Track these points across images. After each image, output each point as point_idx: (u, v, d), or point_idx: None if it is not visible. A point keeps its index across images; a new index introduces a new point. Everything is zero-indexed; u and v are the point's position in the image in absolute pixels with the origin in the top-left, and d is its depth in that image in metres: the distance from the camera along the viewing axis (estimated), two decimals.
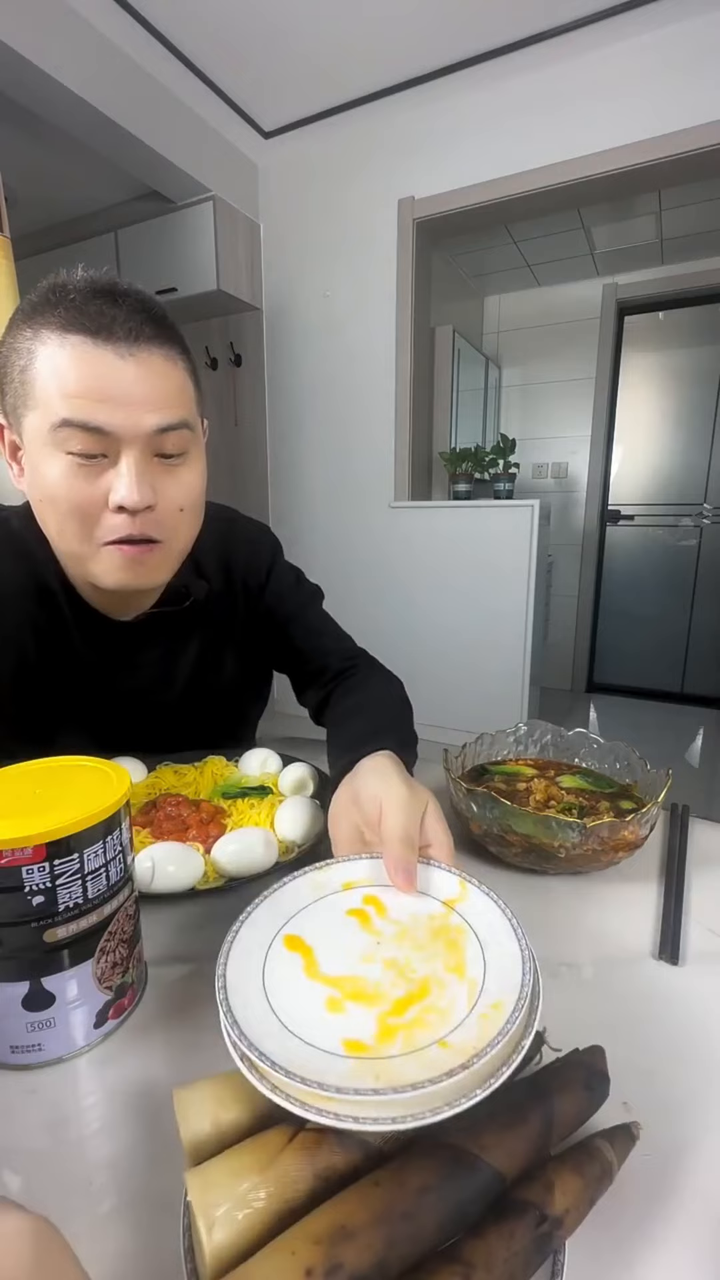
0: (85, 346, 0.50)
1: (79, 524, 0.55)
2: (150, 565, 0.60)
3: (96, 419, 0.51)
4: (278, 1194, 0.25)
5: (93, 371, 0.50)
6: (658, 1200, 0.30)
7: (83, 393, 0.50)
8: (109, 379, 0.51)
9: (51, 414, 0.51)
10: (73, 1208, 0.29)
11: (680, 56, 2.01)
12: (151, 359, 0.53)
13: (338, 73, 2.25)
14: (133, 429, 0.52)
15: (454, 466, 2.95)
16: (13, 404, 0.54)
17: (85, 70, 2.00)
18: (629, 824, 0.51)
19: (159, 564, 0.61)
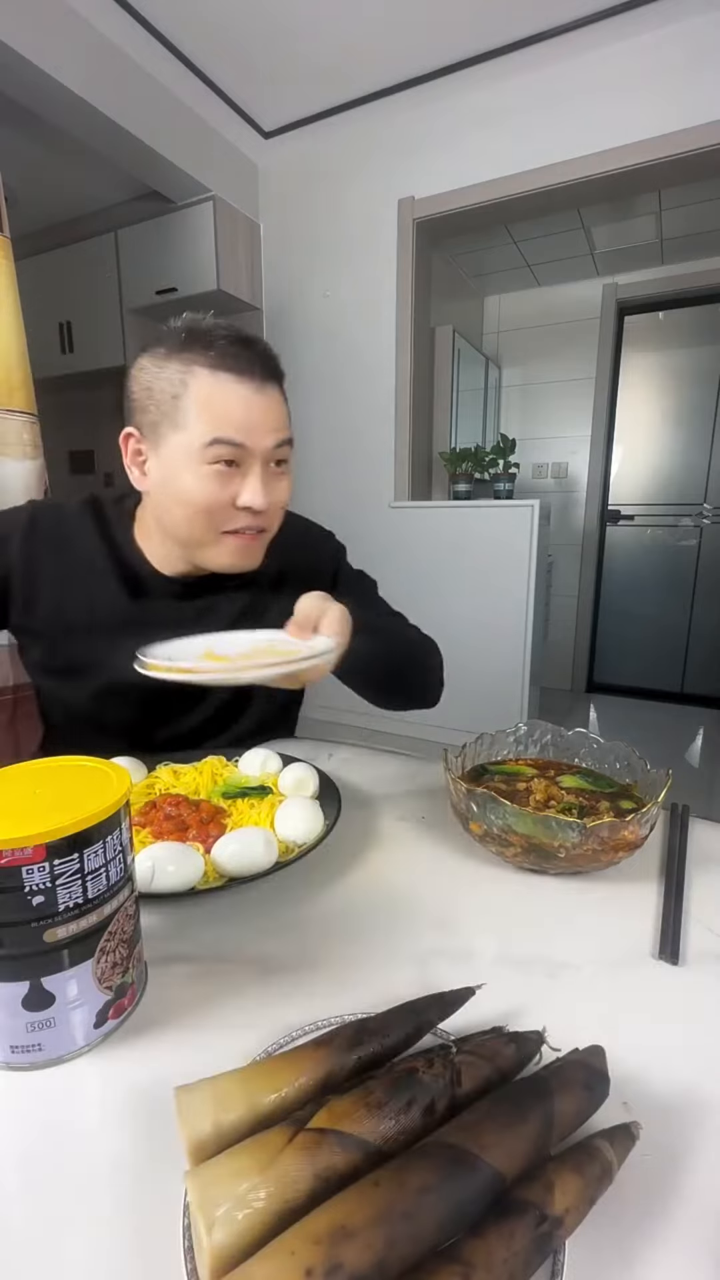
0: (232, 383, 0.66)
1: (207, 519, 0.70)
2: (255, 550, 0.76)
3: (239, 438, 0.67)
4: (278, 1194, 0.25)
5: (239, 403, 0.66)
6: (658, 1200, 0.30)
7: (230, 418, 0.66)
8: (248, 408, 0.67)
9: (203, 434, 0.66)
10: (73, 1208, 0.29)
11: (680, 56, 2.01)
12: (273, 392, 0.70)
13: (338, 73, 2.25)
14: (260, 446, 0.68)
15: (454, 466, 2.95)
16: (154, 421, 0.68)
17: (85, 70, 2.00)
18: (629, 824, 0.51)
19: (260, 549, 0.77)
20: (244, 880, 0.52)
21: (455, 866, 0.59)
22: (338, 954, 0.46)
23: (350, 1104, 0.29)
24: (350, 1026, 0.34)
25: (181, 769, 0.72)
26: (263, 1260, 0.23)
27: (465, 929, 0.49)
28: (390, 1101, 0.29)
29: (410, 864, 0.59)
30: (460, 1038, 0.35)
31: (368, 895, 0.54)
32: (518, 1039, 0.34)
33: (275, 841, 0.55)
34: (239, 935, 0.49)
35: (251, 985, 0.43)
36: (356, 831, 0.64)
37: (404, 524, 2.77)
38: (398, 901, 0.53)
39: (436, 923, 0.50)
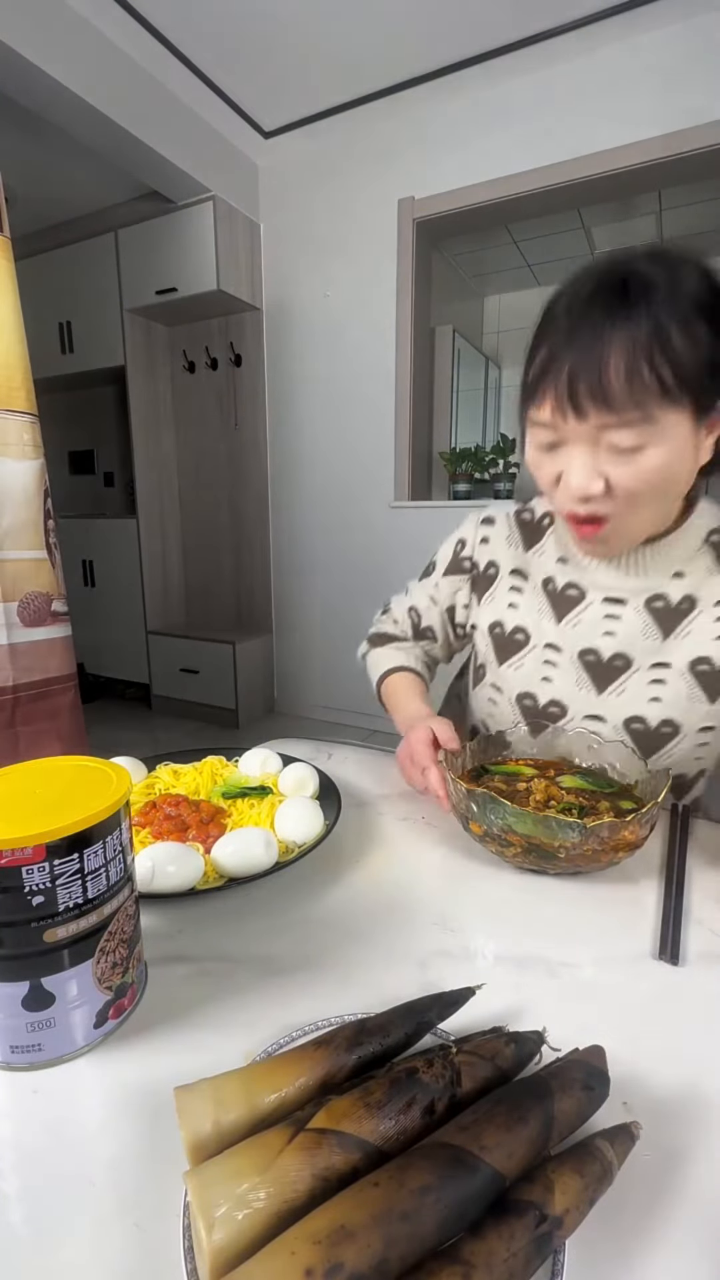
0: None
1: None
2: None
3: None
4: (278, 1194, 0.25)
5: None
6: (658, 1200, 0.30)
7: None
8: None
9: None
10: (73, 1208, 0.29)
11: (680, 57, 2.01)
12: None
13: (338, 73, 2.25)
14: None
15: (454, 466, 2.95)
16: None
17: (85, 70, 2.00)
18: (629, 824, 0.51)
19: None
20: (244, 880, 0.52)
21: (455, 866, 0.59)
22: (338, 954, 0.46)
23: (350, 1104, 0.29)
24: (350, 1026, 0.34)
25: (181, 769, 0.72)
26: (263, 1260, 0.23)
27: (465, 929, 0.49)
28: (390, 1101, 0.29)
29: (410, 864, 0.59)
30: (460, 1038, 0.35)
31: (368, 895, 0.54)
32: (518, 1039, 0.34)
33: (275, 841, 0.55)
34: (239, 935, 0.49)
35: (251, 985, 0.43)
36: (356, 831, 0.64)
37: (404, 524, 2.77)
38: (398, 902, 0.53)
39: (437, 923, 0.50)
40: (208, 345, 3.03)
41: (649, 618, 0.66)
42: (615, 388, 0.51)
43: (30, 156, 2.56)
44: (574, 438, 0.55)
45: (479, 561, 0.78)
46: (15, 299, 1.32)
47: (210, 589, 3.37)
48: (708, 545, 0.65)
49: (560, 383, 0.53)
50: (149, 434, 3.11)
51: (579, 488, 0.56)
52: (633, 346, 0.50)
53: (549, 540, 0.74)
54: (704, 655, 0.64)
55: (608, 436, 0.53)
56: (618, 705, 0.67)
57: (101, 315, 2.98)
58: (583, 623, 0.69)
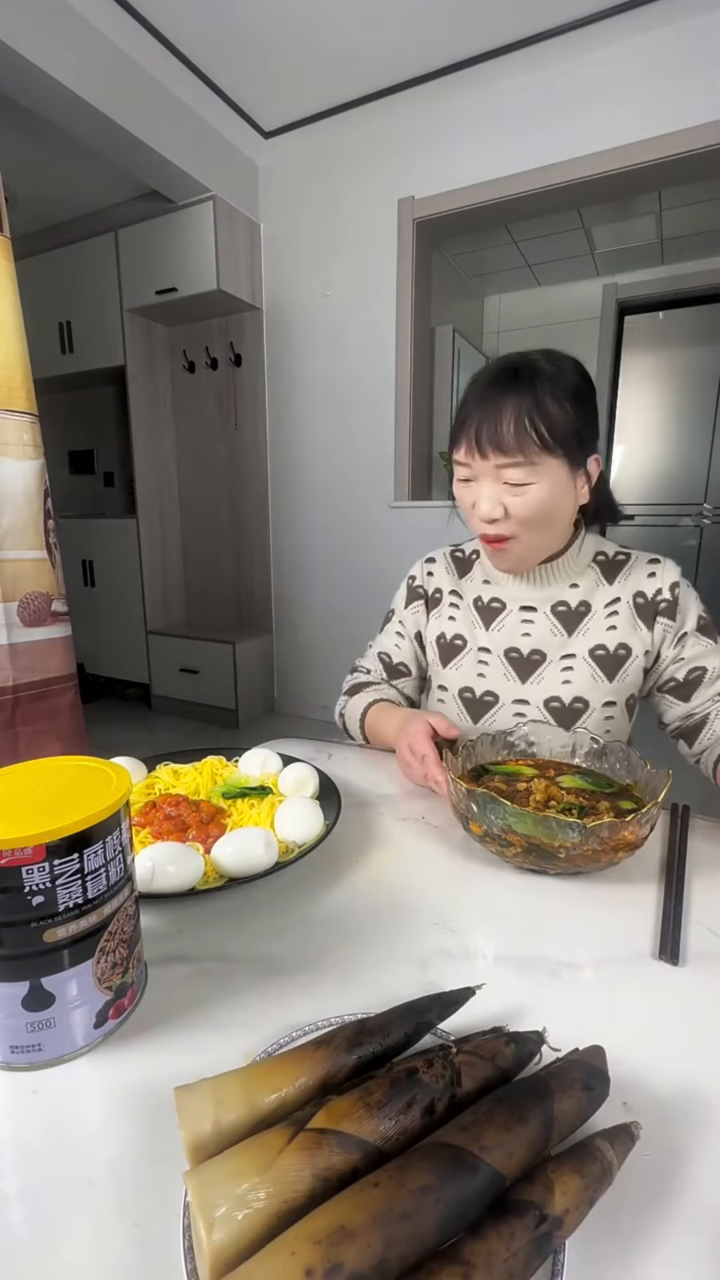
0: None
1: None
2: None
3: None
4: (278, 1194, 0.25)
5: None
6: (658, 1200, 0.30)
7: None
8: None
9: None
10: (73, 1208, 0.29)
11: (680, 56, 2.01)
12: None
13: (338, 73, 2.25)
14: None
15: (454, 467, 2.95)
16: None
17: (85, 70, 2.00)
18: (629, 824, 0.51)
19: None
20: (244, 880, 0.52)
21: (455, 866, 0.59)
22: (338, 954, 0.46)
23: (350, 1104, 0.29)
24: (350, 1026, 0.34)
25: (181, 769, 0.72)
26: (263, 1260, 0.23)
27: (465, 929, 0.49)
28: (390, 1101, 0.29)
29: (410, 864, 0.59)
30: (460, 1038, 0.35)
31: (368, 895, 0.54)
32: (518, 1039, 0.34)
33: (275, 841, 0.55)
34: (239, 935, 0.49)
35: (251, 985, 0.43)
36: (356, 831, 0.64)
37: (404, 524, 2.77)
38: (398, 902, 0.53)
39: (437, 923, 0.50)
40: (208, 345, 3.03)
41: (555, 620, 0.84)
42: (507, 437, 0.70)
43: (30, 156, 2.56)
44: (481, 474, 0.75)
45: (428, 589, 0.95)
46: (15, 299, 1.32)
47: (210, 589, 3.37)
48: (594, 564, 0.85)
49: (470, 432, 0.73)
50: (149, 434, 3.11)
51: (485, 511, 0.75)
52: (519, 409, 0.70)
53: (477, 568, 0.92)
54: (599, 643, 0.82)
55: (504, 474, 0.73)
56: (538, 690, 0.83)
57: (101, 315, 2.98)
58: (505, 627, 0.86)
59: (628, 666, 0.81)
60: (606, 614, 0.82)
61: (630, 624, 0.81)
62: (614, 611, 0.82)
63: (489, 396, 0.72)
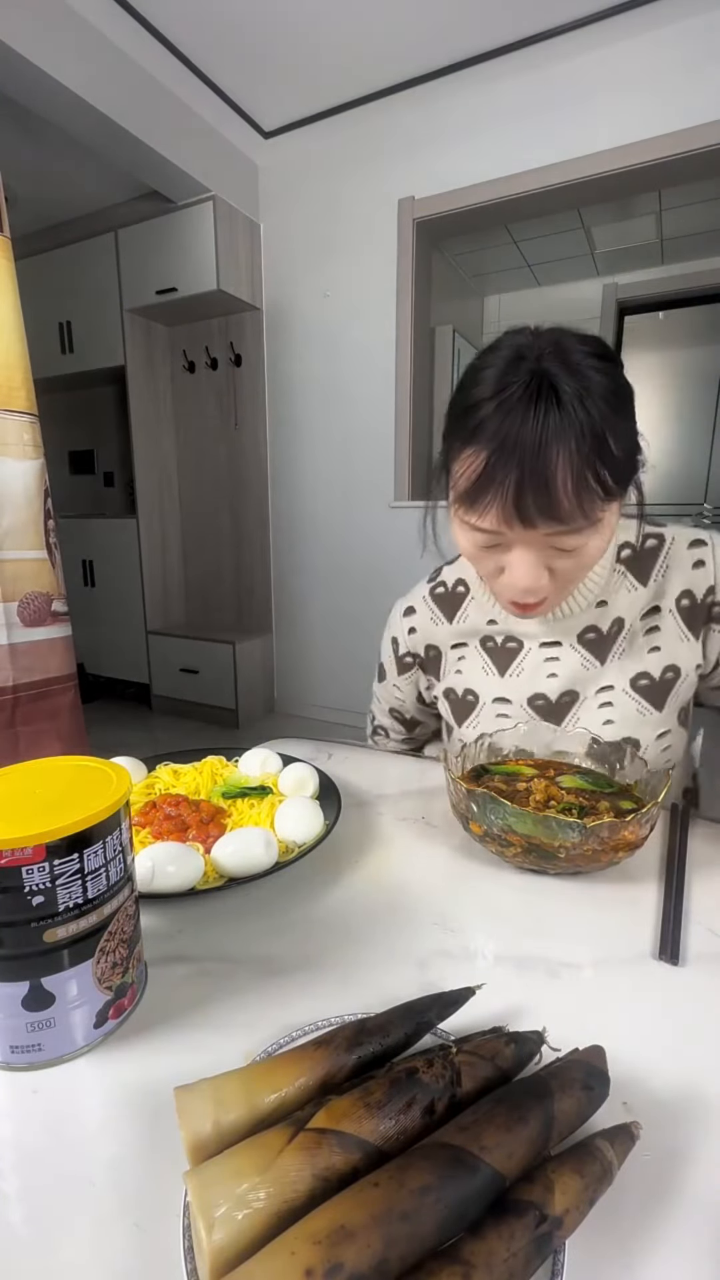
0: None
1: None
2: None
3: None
4: (278, 1194, 0.25)
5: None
6: (658, 1200, 0.30)
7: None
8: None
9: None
10: (73, 1208, 0.29)
11: (680, 56, 2.01)
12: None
13: (338, 73, 2.25)
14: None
15: None
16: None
17: (85, 70, 2.00)
18: (629, 824, 0.51)
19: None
20: (244, 880, 0.52)
21: (455, 866, 0.59)
22: (338, 954, 0.46)
23: (350, 1104, 0.29)
24: (350, 1026, 0.34)
25: (181, 769, 0.72)
26: (263, 1260, 0.23)
27: (465, 929, 0.49)
28: (390, 1101, 0.29)
29: (410, 864, 0.59)
30: (460, 1038, 0.35)
31: (368, 895, 0.54)
32: (518, 1039, 0.34)
33: (275, 841, 0.55)
34: (239, 935, 0.49)
35: (251, 985, 0.43)
36: (356, 831, 0.64)
37: (404, 524, 2.77)
38: (398, 901, 0.53)
39: (437, 923, 0.50)
40: (208, 345, 3.03)
41: (585, 651, 0.69)
42: (564, 503, 0.51)
43: (30, 156, 2.56)
44: (520, 542, 0.57)
45: (418, 652, 0.81)
46: (15, 299, 1.32)
47: (210, 589, 3.37)
48: (620, 565, 0.68)
49: (507, 498, 0.52)
50: (149, 434, 3.11)
51: (527, 584, 0.58)
52: (575, 459, 0.50)
53: (470, 605, 0.76)
54: (642, 670, 0.67)
55: (556, 540, 0.55)
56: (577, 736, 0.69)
57: (101, 315, 2.98)
58: (525, 670, 0.72)
59: (678, 687, 0.67)
60: (645, 630, 0.67)
61: (677, 636, 0.66)
62: (654, 627, 0.67)
63: (528, 442, 0.50)
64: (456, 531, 0.62)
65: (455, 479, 0.57)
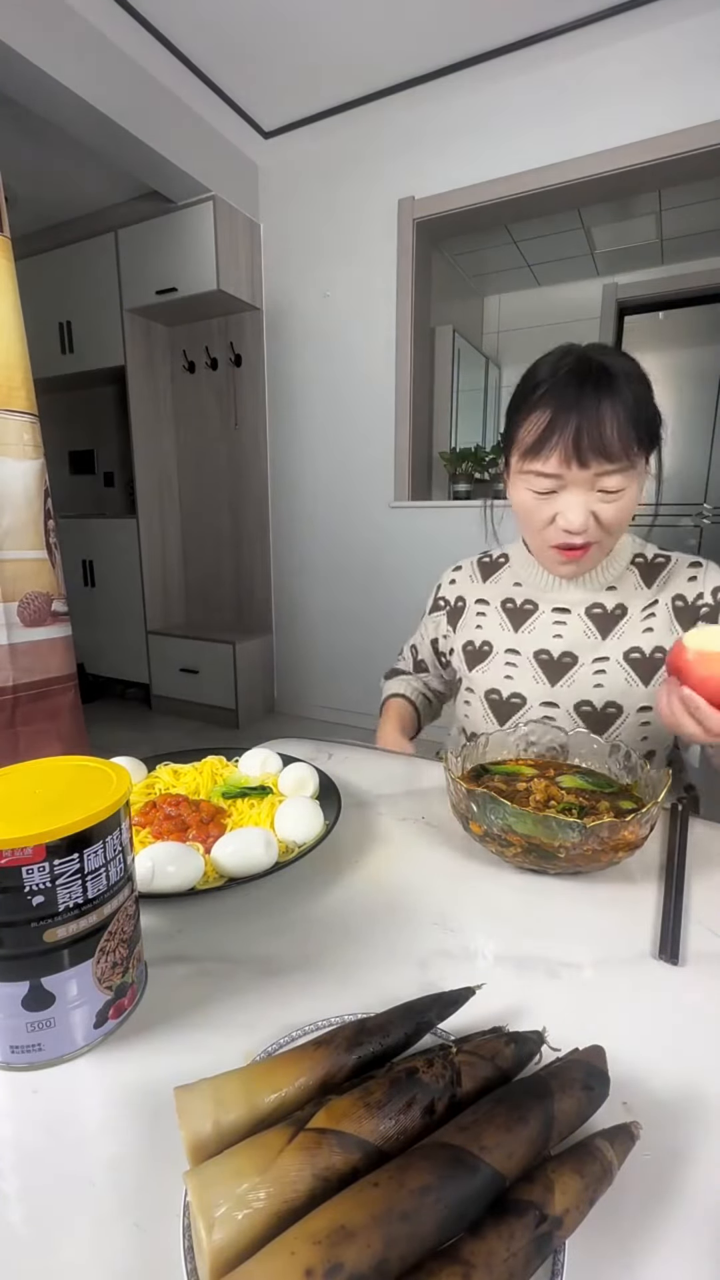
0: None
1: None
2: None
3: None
4: (278, 1194, 0.25)
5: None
6: (658, 1200, 0.30)
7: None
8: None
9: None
10: (73, 1208, 0.29)
11: (679, 57, 2.01)
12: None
13: (338, 73, 2.25)
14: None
15: (454, 466, 2.95)
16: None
17: (85, 70, 2.00)
18: (629, 824, 0.51)
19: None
20: (244, 880, 0.52)
21: (455, 866, 0.59)
22: (338, 954, 0.46)
23: (350, 1104, 0.29)
24: (350, 1026, 0.34)
25: (181, 769, 0.72)
26: (263, 1260, 0.23)
27: (465, 929, 0.49)
28: (390, 1101, 0.29)
29: (410, 864, 0.59)
30: (460, 1038, 0.35)
31: (368, 895, 0.54)
32: (518, 1039, 0.34)
33: (275, 841, 0.55)
34: (239, 935, 0.49)
35: (251, 985, 0.43)
36: (356, 831, 0.64)
37: (404, 524, 2.77)
38: (398, 901, 0.53)
39: (437, 923, 0.50)
40: (208, 345, 3.03)
41: (589, 622, 0.81)
42: (613, 442, 0.67)
43: (30, 156, 2.56)
44: (573, 484, 0.70)
45: (450, 598, 0.95)
46: (15, 299, 1.32)
47: (210, 589, 3.37)
48: (632, 566, 0.82)
49: (566, 440, 0.67)
50: (149, 434, 3.11)
51: (578, 523, 0.70)
52: (620, 410, 0.67)
53: (505, 572, 0.91)
54: (634, 645, 0.79)
55: (602, 482, 0.69)
56: (568, 693, 0.81)
57: (101, 315, 2.98)
58: (536, 629, 0.84)
59: (664, 670, 0.77)
60: (643, 617, 0.79)
61: (668, 627, 0.78)
62: (651, 614, 0.79)
63: (585, 400, 0.66)
64: (516, 488, 0.76)
65: (520, 440, 0.72)
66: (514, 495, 0.77)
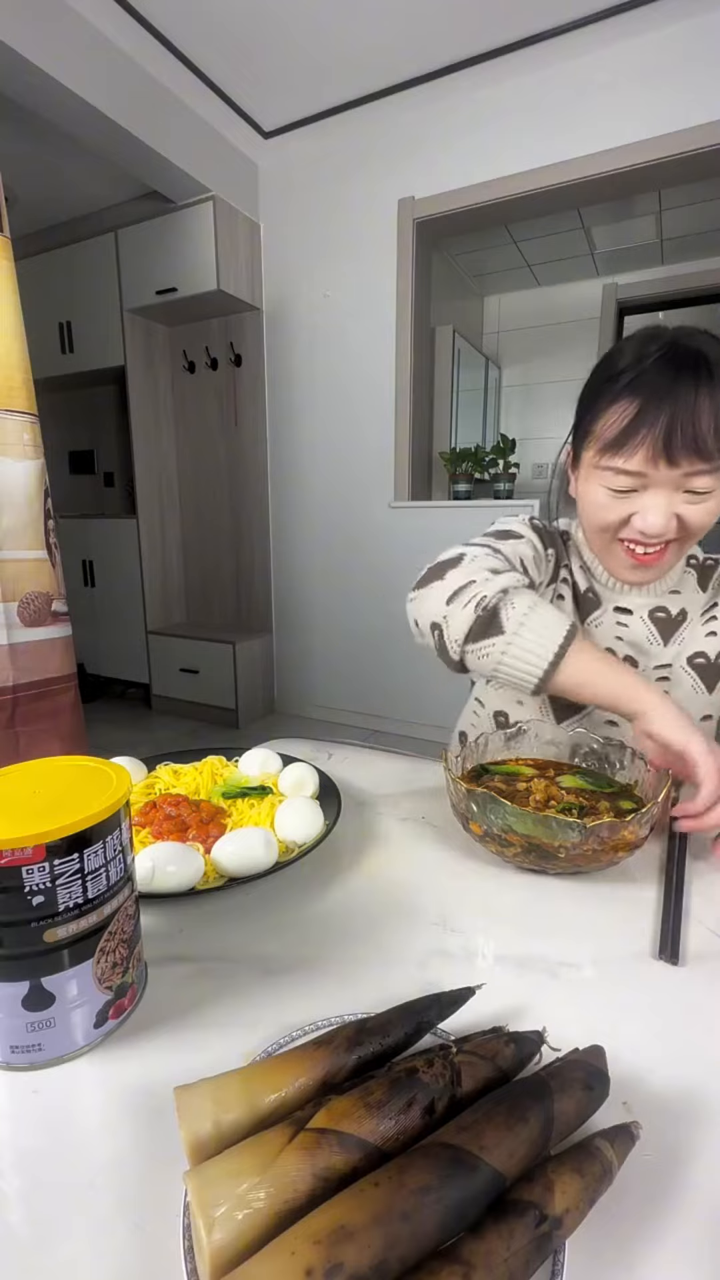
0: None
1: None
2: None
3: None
4: (278, 1194, 0.25)
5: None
6: (658, 1200, 0.30)
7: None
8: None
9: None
10: (73, 1208, 0.29)
11: (680, 56, 2.01)
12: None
13: (338, 73, 2.25)
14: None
15: (454, 466, 2.95)
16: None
17: (85, 70, 2.00)
18: (629, 824, 0.51)
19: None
20: (244, 880, 0.52)
21: (455, 866, 0.59)
22: (338, 954, 0.46)
23: (350, 1104, 0.29)
24: (350, 1026, 0.34)
25: (181, 769, 0.72)
26: (263, 1260, 0.23)
27: (465, 929, 0.49)
28: (390, 1101, 0.29)
29: (410, 864, 0.59)
30: (460, 1038, 0.35)
31: (368, 895, 0.54)
32: (518, 1039, 0.34)
33: (275, 841, 0.55)
34: (239, 935, 0.49)
35: (251, 985, 0.43)
36: (356, 831, 0.64)
37: (404, 524, 2.77)
38: (398, 901, 0.53)
39: (436, 923, 0.50)
40: (208, 345, 3.03)
41: (652, 627, 0.76)
42: (708, 439, 0.59)
43: (30, 156, 2.56)
44: (658, 483, 0.63)
45: (555, 548, 0.79)
46: (15, 299, 1.32)
47: (210, 589, 3.37)
48: (689, 568, 0.78)
49: (657, 435, 0.60)
50: (149, 434, 3.11)
51: (659, 527, 0.63)
52: (717, 405, 0.59)
53: (571, 550, 0.81)
54: (699, 650, 0.75)
55: (690, 482, 0.62)
56: None
57: (101, 315, 2.98)
58: (600, 626, 0.78)
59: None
60: (704, 620, 0.75)
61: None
62: (712, 617, 0.75)
63: (679, 390, 0.59)
64: (588, 485, 0.68)
65: (600, 432, 0.65)
66: (585, 492, 0.69)
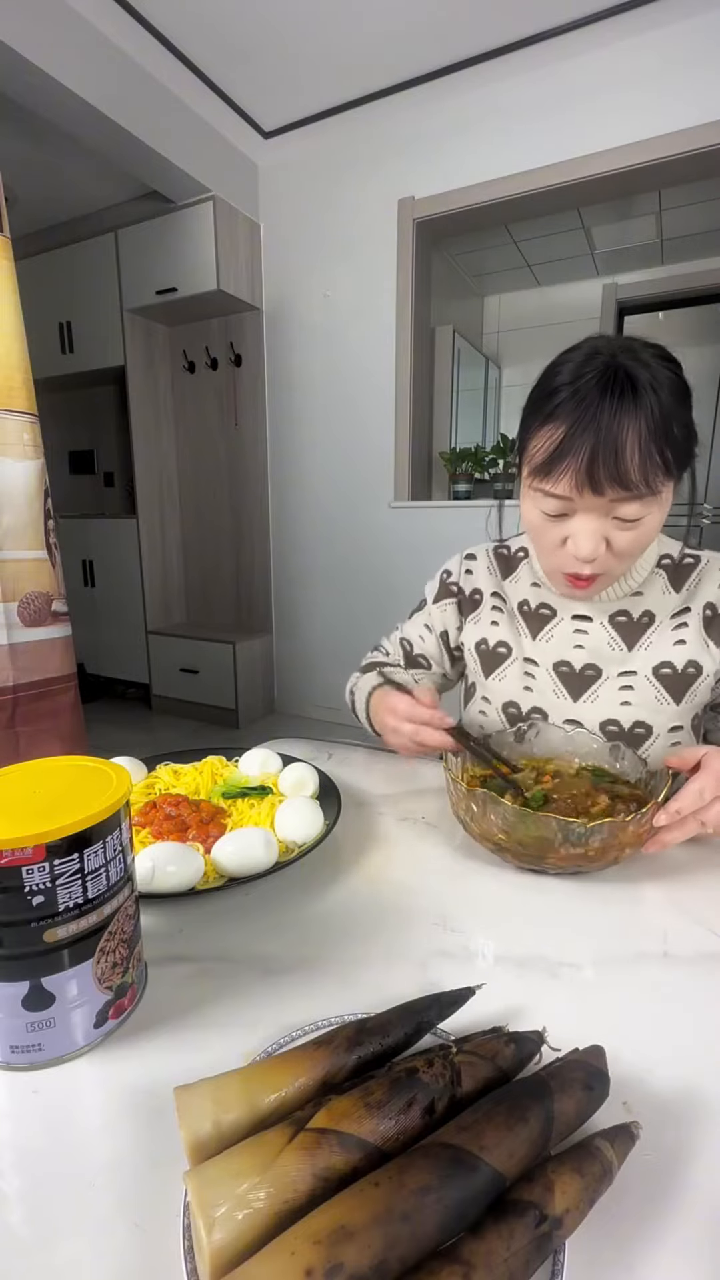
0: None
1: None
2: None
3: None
4: (278, 1194, 0.25)
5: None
6: (658, 1200, 0.30)
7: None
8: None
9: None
10: (73, 1208, 0.29)
11: (680, 56, 2.01)
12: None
13: (337, 73, 2.25)
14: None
15: (454, 466, 2.95)
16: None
17: (85, 70, 2.00)
18: (629, 824, 0.51)
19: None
20: (244, 880, 0.52)
21: (455, 866, 0.59)
22: (338, 954, 0.46)
23: (350, 1104, 0.29)
24: (350, 1026, 0.34)
25: (182, 769, 0.72)
26: (263, 1260, 0.23)
27: (465, 929, 0.49)
28: (390, 1101, 0.29)
29: (410, 864, 0.59)
30: (460, 1038, 0.35)
31: (368, 895, 0.54)
32: (518, 1039, 0.34)
33: (275, 841, 0.55)
34: (239, 935, 0.49)
35: (251, 985, 0.43)
36: (356, 831, 0.64)
37: (404, 524, 2.77)
38: (398, 901, 0.53)
39: (436, 923, 0.50)
40: (208, 345, 3.03)
41: (613, 631, 0.74)
42: (632, 471, 0.57)
43: (30, 156, 2.56)
44: (585, 509, 0.62)
45: (465, 588, 0.85)
46: (15, 299, 1.32)
47: (210, 589, 3.37)
48: (659, 569, 0.75)
49: (580, 464, 0.58)
50: (149, 434, 3.11)
51: (588, 552, 0.63)
52: (642, 433, 0.57)
53: (523, 569, 0.82)
54: (665, 660, 0.72)
55: (618, 509, 0.61)
56: (592, 710, 0.74)
57: (101, 315, 2.98)
58: (555, 638, 0.77)
59: (697, 686, 0.71)
60: (673, 626, 0.72)
61: (700, 640, 0.71)
62: (682, 624, 0.72)
63: (604, 418, 0.57)
64: (526, 504, 0.68)
65: (532, 453, 0.63)
66: (524, 511, 0.69)
